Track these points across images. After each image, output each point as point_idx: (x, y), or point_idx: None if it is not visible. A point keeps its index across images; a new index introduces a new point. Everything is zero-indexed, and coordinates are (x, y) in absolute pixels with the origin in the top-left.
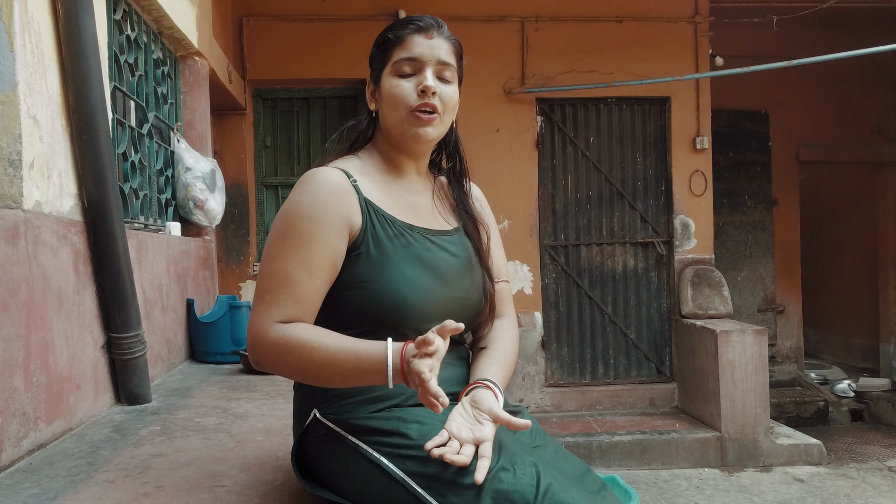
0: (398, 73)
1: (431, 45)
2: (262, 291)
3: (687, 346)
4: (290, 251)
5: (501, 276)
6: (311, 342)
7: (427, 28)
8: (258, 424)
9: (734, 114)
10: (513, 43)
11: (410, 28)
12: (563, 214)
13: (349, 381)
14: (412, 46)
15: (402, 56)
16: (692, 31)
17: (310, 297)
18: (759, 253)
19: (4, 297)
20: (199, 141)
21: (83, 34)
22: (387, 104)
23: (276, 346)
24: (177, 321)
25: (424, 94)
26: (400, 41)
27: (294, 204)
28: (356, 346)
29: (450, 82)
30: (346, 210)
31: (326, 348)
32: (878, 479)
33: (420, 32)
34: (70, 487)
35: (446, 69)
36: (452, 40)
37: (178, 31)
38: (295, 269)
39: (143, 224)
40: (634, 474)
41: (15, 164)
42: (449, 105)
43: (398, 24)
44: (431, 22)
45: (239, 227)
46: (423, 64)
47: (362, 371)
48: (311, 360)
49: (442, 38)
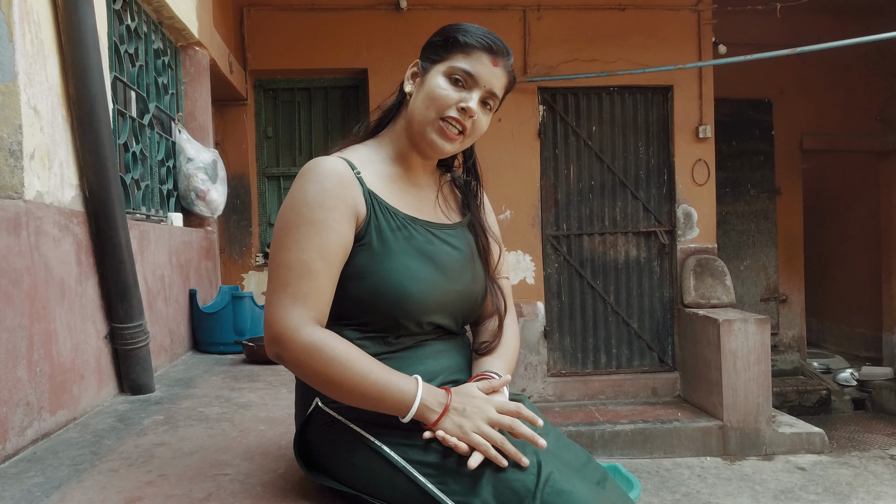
0: (450, 75)
1: (492, 73)
2: (282, 283)
3: (689, 336)
4: (305, 240)
5: (502, 273)
6: (346, 356)
7: (497, 53)
8: (261, 414)
9: (737, 103)
10: (515, 32)
11: (482, 44)
12: (565, 204)
13: (369, 404)
14: (475, 63)
15: (461, 66)
16: (695, 20)
17: (328, 287)
18: (761, 242)
19: (7, 287)
20: (201, 131)
21: (83, 24)
22: (423, 99)
23: (308, 349)
24: (179, 312)
25: (463, 112)
26: (466, 50)
27: (302, 192)
28: (389, 375)
29: (489, 111)
30: (352, 199)
31: (359, 366)
32: (880, 467)
33: (489, 53)
34: (74, 476)
35: (492, 99)
36: (512, 76)
37: (179, 21)
38: (312, 259)
39: (145, 215)
40: (637, 463)
41: (16, 154)
42: (477, 131)
43: (473, 32)
44: (503, 49)
45: (241, 217)
46: (477, 84)
47: (388, 399)
48: (342, 374)
49: (504, 70)
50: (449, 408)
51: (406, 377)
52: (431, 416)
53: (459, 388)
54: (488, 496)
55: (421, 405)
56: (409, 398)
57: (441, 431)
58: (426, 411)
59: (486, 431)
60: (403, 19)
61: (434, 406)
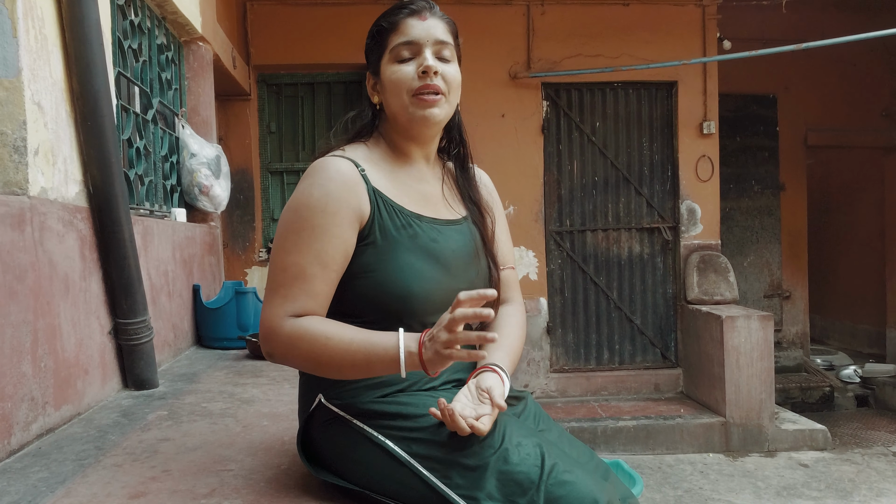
0: (397, 58)
1: (426, 27)
2: (276, 285)
3: (692, 332)
4: (304, 245)
5: (507, 262)
6: (325, 333)
7: (420, 10)
8: (264, 409)
9: (742, 98)
10: (518, 27)
11: (403, 13)
12: (568, 200)
13: (362, 372)
14: (407, 30)
15: (398, 41)
16: (700, 15)
17: (323, 290)
18: (765, 238)
19: (11, 283)
20: (204, 127)
21: (86, 19)
22: (389, 92)
23: (290, 339)
24: (183, 307)
25: (426, 74)
26: (394, 27)
27: (306, 196)
28: (369, 336)
29: (450, 61)
30: (356, 201)
31: (339, 339)
32: (883, 464)
33: (413, 15)
34: (78, 471)
35: (445, 48)
36: (446, 19)
37: (182, 16)
38: (309, 262)
39: (149, 210)
40: (639, 459)
41: (20, 150)
42: (453, 84)
43: (390, 11)
44: (423, 3)
45: (244, 213)
46: (421, 46)
47: (376, 360)
48: (325, 351)
49: (436, 17)
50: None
51: (387, 334)
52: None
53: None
54: (492, 489)
55: (407, 353)
56: (393, 352)
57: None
58: (414, 357)
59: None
60: None
61: (414, 348)
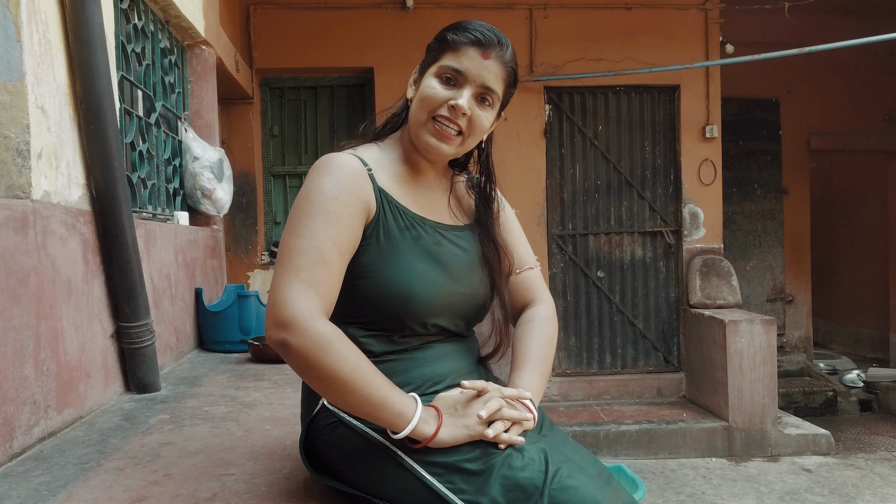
0: (440, 76)
1: (482, 66)
2: (295, 267)
3: (695, 336)
4: (321, 229)
5: (527, 263)
6: (357, 357)
7: (487, 46)
8: (266, 413)
9: (744, 102)
10: (521, 31)
11: (470, 38)
12: (571, 203)
13: (365, 410)
14: (463, 59)
15: (450, 64)
16: (702, 19)
17: (339, 280)
18: (768, 242)
19: (14, 286)
20: (207, 130)
21: (90, 23)
22: (417, 101)
23: (321, 340)
24: (185, 310)
25: (454, 110)
26: (455, 47)
27: (317, 184)
28: (390, 387)
29: (488, 107)
30: (364, 195)
31: (366, 371)
32: (887, 469)
33: (477, 47)
34: (80, 475)
35: (488, 94)
36: (508, 66)
37: (185, 20)
38: (327, 248)
39: (152, 213)
40: (641, 464)
41: (23, 154)
42: (476, 130)
43: (461, 28)
44: (493, 39)
45: (247, 216)
46: (467, 81)
47: (387, 408)
48: (349, 374)
49: (497, 61)
50: (442, 416)
51: (405, 394)
52: (428, 430)
53: (438, 398)
54: (496, 494)
55: (420, 422)
56: (409, 413)
57: (490, 431)
58: (424, 426)
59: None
60: (410, 18)
61: (430, 420)
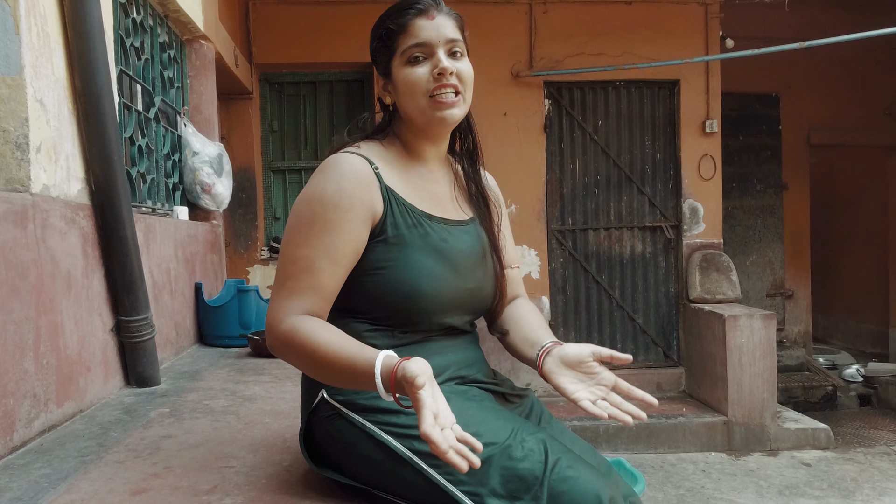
0: (409, 61)
1: (436, 26)
2: (284, 277)
3: (695, 331)
4: (315, 238)
5: (512, 262)
6: (316, 341)
7: (427, 9)
8: (266, 407)
9: (744, 97)
10: (521, 26)
11: (411, 13)
12: (570, 199)
13: (348, 385)
14: (417, 31)
15: (409, 44)
16: (702, 13)
17: (330, 285)
18: (768, 237)
19: (14, 280)
20: (206, 125)
21: (89, 17)
22: (404, 94)
23: (284, 337)
24: (185, 305)
25: (442, 76)
26: (403, 28)
27: (319, 191)
28: (353, 354)
29: (461, 57)
30: (369, 199)
31: (327, 349)
32: (886, 463)
33: (421, 15)
34: (80, 468)
35: (456, 45)
36: (453, 14)
37: (184, 15)
38: (318, 256)
39: (151, 208)
40: (641, 458)
41: (22, 147)
42: (467, 81)
43: (395, 12)
44: (430, 1)
45: (246, 211)
46: (434, 46)
47: (358, 378)
48: (313, 359)
49: (444, 15)
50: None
51: (369, 352)
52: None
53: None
54: (496, 484)
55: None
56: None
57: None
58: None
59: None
60: None
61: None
